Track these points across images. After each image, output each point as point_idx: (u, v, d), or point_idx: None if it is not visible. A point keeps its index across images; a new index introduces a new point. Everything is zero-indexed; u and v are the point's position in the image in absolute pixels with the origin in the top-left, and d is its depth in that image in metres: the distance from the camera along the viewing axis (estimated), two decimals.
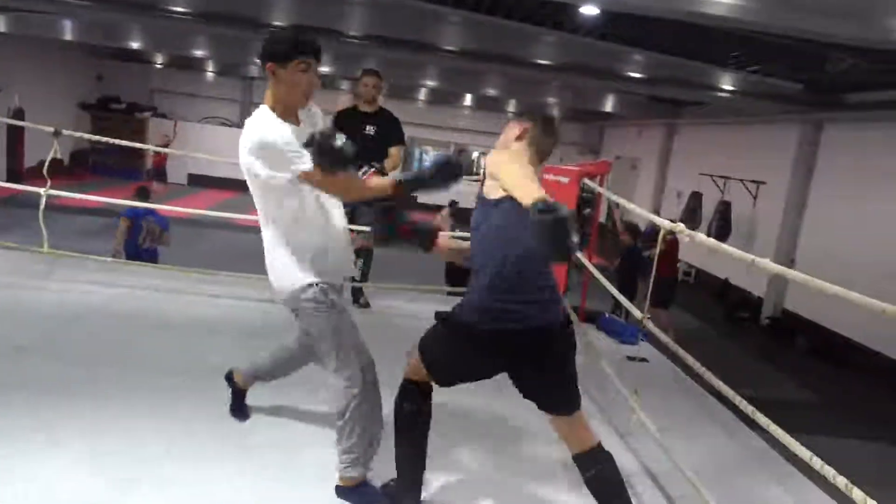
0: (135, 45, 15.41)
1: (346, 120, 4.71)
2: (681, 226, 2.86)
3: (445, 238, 2.46)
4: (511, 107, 20.57)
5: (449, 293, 5.49)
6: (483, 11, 8.58)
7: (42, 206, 4.36)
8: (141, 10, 11.77)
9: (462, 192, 4.67)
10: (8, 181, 11.76)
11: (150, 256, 6.32)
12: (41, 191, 4.40)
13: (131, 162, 17.36)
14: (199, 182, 18.24)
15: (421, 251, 2.46)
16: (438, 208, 13.26)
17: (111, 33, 14.80)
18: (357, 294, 4.83)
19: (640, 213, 3.93)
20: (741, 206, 12.35)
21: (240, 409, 2.85)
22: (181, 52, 16.51)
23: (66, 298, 4.19)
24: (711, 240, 2.75)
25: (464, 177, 2.30)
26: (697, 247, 2.86)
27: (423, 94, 19.33)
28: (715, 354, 4.58)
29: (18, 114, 14.04)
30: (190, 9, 11.82)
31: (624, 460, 2.97)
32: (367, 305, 4.81)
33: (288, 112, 2.29)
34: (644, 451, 3.04)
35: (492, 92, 15.74)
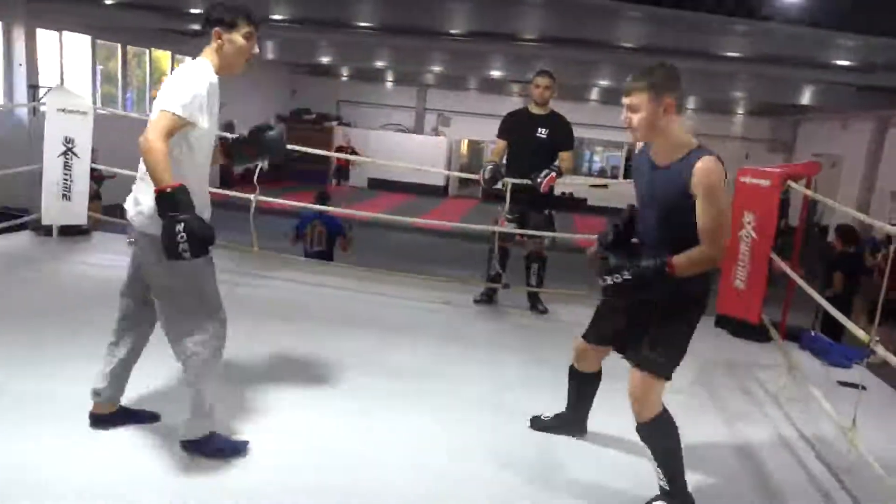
0: (325, 60, 16.74)
1: (516, 123, 4.68)
2: None
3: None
4: (692, 104, 19.39)
5: None
6: (667, 5, 8.13)
7: (252, 210, 4.85)
8: (332, 28, 12.71)
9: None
10: (220, 187, 13.31)
11: (321, 257, 6.58)
12: (252, 196, 4.89)
13: (320, 167, 18.83)
14: (379, 186, 19.31)
15: None
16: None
17: (305, 51, 16.24)
18: (534, 301, 4.78)
19: (862, 218, 3.46)
20: None
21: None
22: (364, 64, 17.65)
23: (273, 294, 4.61)
24: None
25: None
26: None
27: (595, 94, 18.86)
28: None
29: (229, 127, 15.82)
30: (374, 23, 12.55)
31: (839, 500, 2.63)
32: (545, 311, 4.75)
33: (224, 73, 2.46)
34: (864, 493, 2.66)
35: None
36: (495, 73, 15.33)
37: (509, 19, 10.31)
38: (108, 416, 2.59)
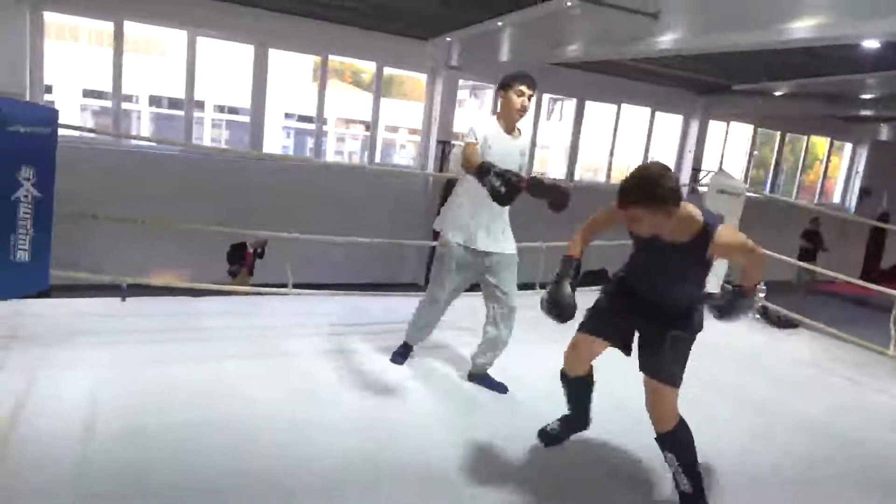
0: None
1: None
2: None
3: None
4: None
5: None
6: None
7: (895, 310, 4.34)
8: None
9: None
10: (861, 279, 12.16)
11: None
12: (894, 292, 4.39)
13: None
14: None
15: None
16: None
17: None
18: None
19: None
20: None
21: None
22: None
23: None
24: None
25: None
26: None
27: None
28: None
29: (883, 217, 14.28)
30: None
31: None
32: None
33: (507, 123, 3.21)
34: None
35: None
36: None
37: None
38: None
